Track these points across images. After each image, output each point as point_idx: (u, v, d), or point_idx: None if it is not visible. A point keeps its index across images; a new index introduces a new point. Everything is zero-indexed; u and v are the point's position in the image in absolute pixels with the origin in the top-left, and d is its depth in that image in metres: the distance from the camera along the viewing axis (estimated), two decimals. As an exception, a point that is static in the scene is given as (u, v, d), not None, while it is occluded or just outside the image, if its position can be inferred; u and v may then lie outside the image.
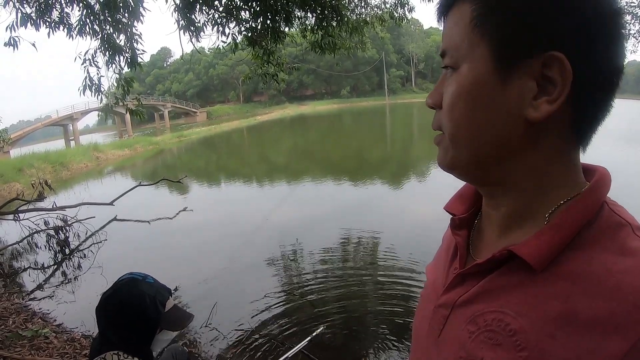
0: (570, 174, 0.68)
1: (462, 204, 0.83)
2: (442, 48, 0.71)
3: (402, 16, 9.71)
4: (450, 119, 0.69)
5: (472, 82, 0.66)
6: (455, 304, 0.74)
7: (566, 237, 0.63)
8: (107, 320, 1.99)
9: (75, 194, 14.30)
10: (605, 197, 0.67)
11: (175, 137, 40.84)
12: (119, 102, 7.49)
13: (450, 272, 0.80)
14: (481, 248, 0.78)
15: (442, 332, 0.76)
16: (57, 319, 5.71)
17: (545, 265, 0.62)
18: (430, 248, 4.97)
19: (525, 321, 0.62)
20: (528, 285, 0.64)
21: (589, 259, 0.61)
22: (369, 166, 17.92)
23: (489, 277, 0.69)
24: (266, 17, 7.57)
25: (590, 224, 0.64)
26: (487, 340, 0.65)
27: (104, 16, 6.62)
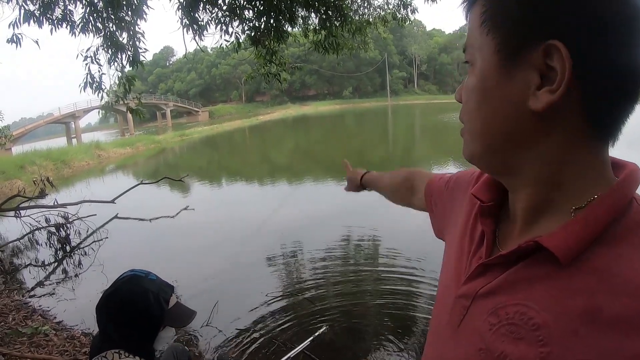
0: (598, 169, 0.67)
1: (489, 190, 0.82)
2: (464, 46, 0.75)
3: (405, 17, 9.72)
4: (466, 112, 0.74)
5: (481, 75, 0.69)
6: (477, 294, 0.73)
7: (594, 232, 0.62)
8: (108, 317, 1.95)
9: (76, 191, 14.29)
10: (635, 194, 0.66)
11: (177, 136, 40.90)
12: (119, 100, 7.49)
13: (474, 261, 0.79)
14: (506, 238, 0.76)
15: (462, 322, 0.75)
16: (57, 317, 5.70)
17: (572, 258, 0.62)
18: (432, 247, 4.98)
19: (549, 316, 0.61)
20: (553, 278, 0.63)
21: (616, 256, 0.60)
22: (372, 166, 17.55)
23: (513, 268, 0.68)
24: (270, 17, 7.57)
25: (618, 220, 0.63)
26: (509, 333, 0.65)
27: (107, 14, 6.63)
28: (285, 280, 6.66)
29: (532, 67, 0.62)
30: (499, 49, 0.65)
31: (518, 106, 0.64)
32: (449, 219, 1.02)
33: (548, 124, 0.64)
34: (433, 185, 1.19)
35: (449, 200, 1.05)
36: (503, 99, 0.66)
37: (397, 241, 7.86)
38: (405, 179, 1.46)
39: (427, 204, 1.21)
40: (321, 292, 6.00)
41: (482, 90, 0.69)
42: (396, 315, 5.33)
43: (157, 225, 10.22)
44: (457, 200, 1.00)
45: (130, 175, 21.84)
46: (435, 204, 1.14)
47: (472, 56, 0.71)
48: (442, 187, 1.12)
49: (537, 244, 0.64)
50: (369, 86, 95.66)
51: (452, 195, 1.04)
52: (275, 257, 7.52)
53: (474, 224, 0.84)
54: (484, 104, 0.69)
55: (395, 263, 6.87)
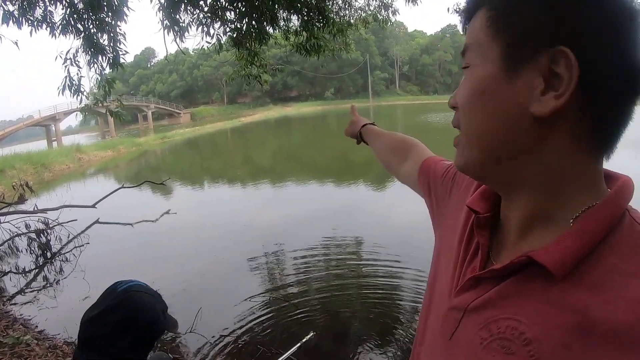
0: (593, 180, 0.66)
1: (485, 201, 0.80)
2: (463, 49, 0.73)
3: (386, 18, 9.77)
4: (463, 117, 0.72)
5: (482, 79, 0.67)
6: (468, 308, 0.72)
7: (588, 245, 0.61)
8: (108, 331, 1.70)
9: (57, 196, 14.11)
10: (628, 206, 0.65)
11: (158, 138, 40.61)
12: (98, 103, 7.41)
13: (468, 272, 0.78)
14: (500, 250, 0.75)
15: (454, 335, 0.74)
16: (39, 326, 5.61)
17: (566, 272, 0.60)
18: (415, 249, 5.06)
19: (540, 330, 0.60)
20: (545, 292, 0.62)
21: (609, 269, 0.59)
22: (354, 168, 17.92)
23: (505, 282, 0.67)
24: (251, 18, 7.54)
25: (612, 232, 0.62)
26: (500, 348, 0.64)
27: (88, 15, 6.55)
28: (268, 283, 6.65)
29: (536, 72, 0.61)
30: (504, 55, 0.64)
31: (520, 111, 0.63)
32: (444, 212, 1.00)
33: (548, 131, 0.63)
34: (431, 166, 1.15)
35: (445, 192, 1.03)
36: (504, 104, 0.65)
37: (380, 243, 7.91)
38: (403, 142, 1.43)
39: (420, 182, 1.18)
40: (305, 295, 6.02)
41: (482, 95, 0.67)
42: (380, 318, 5.37)
43: (139, 229, 10.10)
44: (453, 196, 0.98)
45: (111, 178, 21.66)
46: (430, 187, 1.11)
47: (473, 60, 0.69)
48: (439, 171, 1.09)
49: (530, 259, 0.63)
50: (351, 87, 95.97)
51: (449, 187, 1.02)
52: (258, 260, 7.51)
53: (471, 232, 0.82)
54: (484, 109, 0.67)
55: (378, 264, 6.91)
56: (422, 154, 1.26)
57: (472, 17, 0.71)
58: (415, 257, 6.82)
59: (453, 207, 0.95)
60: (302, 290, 6.15)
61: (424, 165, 1.17)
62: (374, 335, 4.99)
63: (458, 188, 0.97)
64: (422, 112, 50.50)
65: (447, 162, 1.12)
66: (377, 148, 1.58)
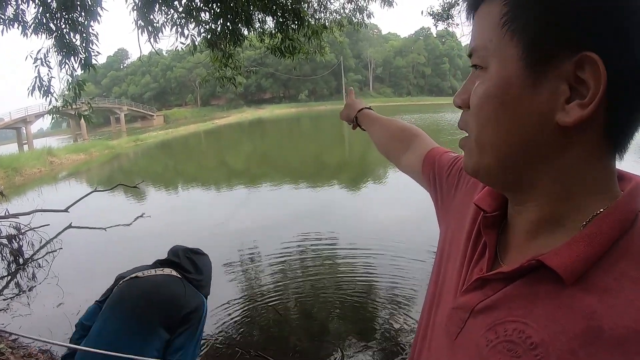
0: (606, 182, 0.64)
1: (493, 199, 0.78)
2: (470, 46, 0.69)
3: (360, 21, 9.82)
4: (476, 121, 0.67)
5: (501, 83, 0.62)
6: (475, 308, 0.71)
7: (599, 249, 0.59)
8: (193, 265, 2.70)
9: (28, 200, 13.80)
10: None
11: (131, 141, 40.22)
12: (67, 105, 7.27)
13: (474, 272, 0.76)
14: (508, 250, 0.74)
15: (459, 335, 0.73)
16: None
17: (576, 277, 0.59)
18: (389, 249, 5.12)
19: (547, 335, 0.59)
20: (554, 297, 0.61)
21: (619, 274, 0.57)
22: (327, 170, 18.05)
23: (514, 284, 0.66)
24: (226, 19, 7.51)
25: (623, 236, 0.60)
26: (506, 351, 0.62)
27: (61, 14, 6.44)
28: (245, 285, 6.63)
29: (561, 78, 0.58)
30: (525, 56, 0.60)
31: (543, 119, 0.60)
32: (450, 206, 0.99)
33: (571, 138, 0.60)
34: (436, 156, 1.12)
35: (451, 185, 1.01)
36: (527, 110, 0.61)
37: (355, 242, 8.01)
38: (405, 130, 1.39)
39: (423, 174, 1.15)
40: (282, 296, 6.04)
41: (501, 98, 0.63)
42: (357, 317, 5.43)
43: (112, 233, 9.94)
44: (460, 189, 0.97)
45: (83, 182, 21.34)
46: (435, 179, 1.08)
47: (485, 60, 0.65)
48: (445, 163, 1.07)
49: (540, 262, 0.61)
50: (325, 89, 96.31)
51: (455, 180, 1.00)
52: (234, 263, 7.48)
53: (478, 230, 0.81)
54: (503, 113, 0.63)
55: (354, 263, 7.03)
56: (425, 144, 1.24)
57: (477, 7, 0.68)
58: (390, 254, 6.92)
59: (459, 201, 0.94)
60: (279, 292, 6.15)
61: (429, 157, 1.15)
62: (352, 333, 5.03)
63: (466, 182, 0.96)
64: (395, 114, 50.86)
65: (452, 154, 1.11)
66: (376, 134, 1.54)
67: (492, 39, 0.64)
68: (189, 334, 2.38)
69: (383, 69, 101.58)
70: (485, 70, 0.65)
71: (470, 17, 0.70)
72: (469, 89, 0.69)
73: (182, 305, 2.41)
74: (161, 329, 2.34)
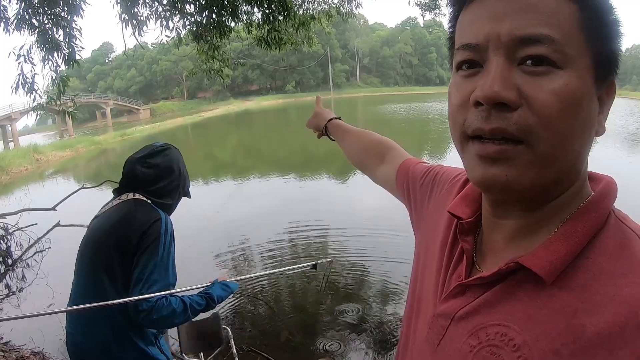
0: (585, 184, 0.68)
1: (467, 206, 0.78)
2: (532, 32, 0.58)
3: (349, 12, 9.77)
4: (553, 129, 0.58)
5: (581, 89, 0.59)
6: (456, 315, 0.71)
7: (574, 248, 0.61)
8: (152, 175, 2.39)
9: (15, 199, 13.67)
10: (612, 207, 0.66)
11: (118, 136, 40.02)
12: (52, 101, 7.17)
13: (453, 279, 0.76)
14: (485, 256, 0.74)
15: (441, 343, 0.73)
16: (4, 337, 5.39)
17: (554, 276, 0.60)
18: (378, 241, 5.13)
19: (530, 336, 0.60)
20: (534, 298, 0.62)
21: (597, 272, 0.59)
22: (317, 161, 18.10)
23: (493, 289, 0.67)
24: (212, 11, 7.45)
25: (599, 234, 0.62)
26: (489, 355, 0.63)
27: (43, 10, 6.35)
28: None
29: (597, 95, 0.63)
30: (595, 71, 0.61)
31: (593, 130, 0.64)
32: (424, 215, 0.99)
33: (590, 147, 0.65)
34: (410, 166, 1.13)
35: (424, 194, 1.02)
36: (590, 122, 0.63)
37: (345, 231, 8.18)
38: (378, 143, 1.38)
39: (397, 184, 1.16)
40: (273, 289, 6.11)
41: (581, 109, 0.60)
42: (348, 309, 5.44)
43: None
44: (433, 198, 0.98)
45: (71, 179, 21.26)
46: (409, 190, 1.09)
47: (562, 58, 0.58)
48: (418, 174, 1.07)
49: (519, 265, 0.63)
50: (312, 80, 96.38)
51: (428, 190, 1.01)
52: (224, 256, 7.57)
53: (454, 237, 0.81)
54: (582, 124, 0.61)
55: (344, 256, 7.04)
56: (399, 156, 1.25)
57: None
58: (380, 243, 6.94)
59: (433, 210, 0.95)
60: (269, 285, 6.17)
61: (402, 168, 1.16)
62: (345, 329, 5.04)
63: (439, 190, 0.97)
64: (382, 104, 51.12)
65: (426, 164, 1.11)
66: (348, 146, 1.53)
67: (572, 39, 0.59)
68: (149, 255, 2.16)
69: (370, 59, 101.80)
70: (557, 71, 0.58)
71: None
72: (513, 82, 0.59)
73: (133, 227, 2.20)
74: (117, 263, 2.19)
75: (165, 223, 2.25)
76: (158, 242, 2.18)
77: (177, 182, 2.49)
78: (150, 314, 2.09)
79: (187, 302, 2.27)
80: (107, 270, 2.18)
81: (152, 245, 2.17)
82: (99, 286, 2.18)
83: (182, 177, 2.54)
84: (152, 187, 2.36)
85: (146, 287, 2.10)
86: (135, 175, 2.38)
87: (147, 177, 2.37)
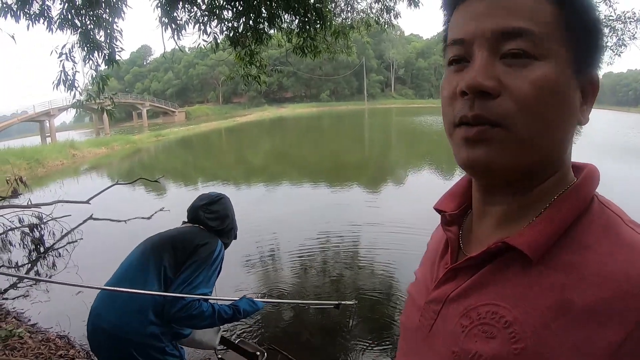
0: (569, 171, 0.73)
1: (452, 201, 0.85)
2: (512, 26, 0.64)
3: (387, 22, 9.75)
4: (527, 114, 0.64)
5: (559, 80, 0.65)
6: (447, 298, 0.74)
7: (559, 228, 0.66)
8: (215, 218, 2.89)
9: (50, 191, 14.02)
10: (595, 192, 0.70)
11: (153, 136, 40.44)
12: (91, 99, 7.37)
13: (441, 268, 0.81)
14: (472, 243, 0.78)
15: (433, 327, 0.76)
16: (32, 319, 5.59)
17: (541, 254, 0.64)
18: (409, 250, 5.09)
19: (520, 312, 0.63)
20: (522, 276, 0.65)
21: (582, 249, 0.63)
22: (348, 168, 18.03)
23: (482, 270, 0.70)
24: (249, 18, 7.53)
25: (582, 216, 0.67)
26: (481, 333, 0.66)
27: (85, 11, 6.53)
28: (263, 282, 6.64)
29: (579, 87, 0.68)
30: (575, 62, 0.67)
31: (575, 119, 0.69)
32: None
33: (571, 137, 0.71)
34: None
35: None
36: (571, 110, 0.68)
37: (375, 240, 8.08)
38: None
39: None
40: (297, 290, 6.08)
41: (559, 96, 0.65)
42: (374, 316, 5.42)
43: (132, 226, 10.03)
44: None
45: (105, 175, 21.51)
46: None
47: (538, 49, 0.64)
48: None
49: (506, 244, 0.66)
50: (346, 89, 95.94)
51: None
52: (252, 260, 7.51)
53: (442, 235, 0.85)
54: (560, 109, 0.66)
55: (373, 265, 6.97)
56: None
57: None
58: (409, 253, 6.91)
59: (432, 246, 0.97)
60: (296, 289, 6.16)
61: None
62: (365, 332, 5.02)
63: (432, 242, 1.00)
64: (416, 116, 50.67)
65: None
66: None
67: (550, 32, 0.65)
68: (199, 264, 2.53)
69: (405, 71, 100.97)
70: (538, 62, 0.64)
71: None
72: (495, 73, 0.65)
73: (193, 239, 2.66)
74: (167, 262, 2.55)
75: (219, 248, 2.71)
76: (211, 258, 2.59)
77: (231, 226, 3.01)
78: (181, 310, 2.38)
79: (216, 309, 2.58)
80: (158, 264, 2.53)
81: (205, 257, 2.57)
82: (144, 275, 2.49)
83: (234, 222, 3.06)
84: (214, 228, 2.87)
85: (188, 290, 2.42)
86: (200, 220, 2.86)
87: (210, 221, 2.86)
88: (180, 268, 2.54)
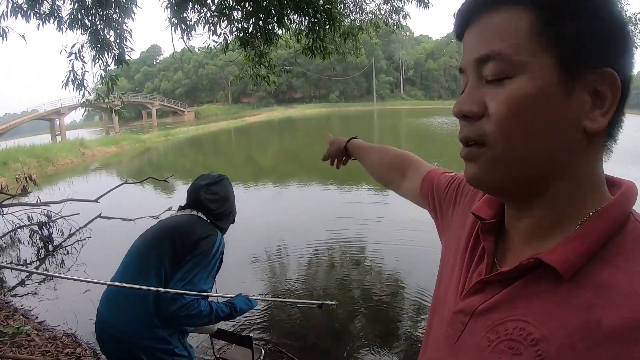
0: (600, 184, 0.69)
1: (490, 207, 0.82)
2: (484, 52, 0.67)
3: (396, 23, 9.74)
4: (503, 132, 0.66)
5: (537, 92, 0.64)
6: (475, 311, 0.73)
7: (593, 247, 0.63)
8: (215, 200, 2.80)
9: (60, 189, 14.05)
10: (632, 209, 0.67)
11: (162, 135, 40.58)
12: (100, 98, 7.41)
13: (474, 277, 0.79)
14: (506, 255, 0.77)
15: (460, 338, 0.75)
16: (39, 317, 5.60)
17: (572, 272, 0.62)
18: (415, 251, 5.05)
19: (548, 330, 0.61)
20: (552, 294, 0.64)
21: (614, 269, 0.61)
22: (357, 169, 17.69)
23: (513, 285, 0.69)
24: (258, 18, 7.55)
25: (616, 234, 0.64)
26: (507, 349, 0.65)
27: (95, 11, 6.57)
28: (269, 281, 6.63)
29: (585, 89, 0.63)
30: (561, 67, 0.63)
31: (574, 127, 0.64)
32: (449, 222, 1.02)
33: (588, 145, 0.66)
34: (434, 178, 1.16)
35: (449, 203, 1.05)
36: (561, 119, 0.64)
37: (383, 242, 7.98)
38: (400, 158, 1.43)
39: (422, 195, 1.20)
40: (306, 295, 5.99)
41: (535, 109, 0.64)
42: (380, 319, 5.38)
43: (141, 225, 10.02)
44: (458, 205, 1.00)
45: (114, 174, 21.54)
46: (434, 200, 1.12)
47: (510, 69, 0.65)
48: (443, 183, 1.11)
49: (538, 261, 0.65)
50: (356, 90, 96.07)
51: (453, 198, 1.04)
52: (261, 259, 7.49)
53: (476, 239, 0.84)
54: (537, 123, 0.64)
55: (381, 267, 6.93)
56: (422, 168, 1.28)
57: (487, 12, 0.68)
58: (417, 256, 6.88)
59: (459, 217, 0.97)
60: (303, 291, 6.15)
61: (427, 179, 1.19)
62: (372, 336, 5.00)
63: (463, 197, 0.99)
64: (425, 117, 50.57)
65: (449, 174, 1.14)
66: (370, 164, 1.57)
67: (521, 47, 0.64)
68: (197, 261, 2.48)
69: (414, 72, 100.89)
70: (511, 80, 0.65)
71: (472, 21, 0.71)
72: (479, 97, 0.68)
73: (193, 232, 2.57)
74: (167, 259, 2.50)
75: (220, 241, 2.64)
76: (209, 254, 2.53)
77: (231, 210, 2.92)
78: (179, 309, 2.36)
79: (214, 308, 2.57)
80: (157, 261, 2.48)
81: (203, 253, 2.51)
82: (144, 272, 2.45)
83: (234, 206, 2.97)
84: (213, 211, 2.79)
85: (187, 289, 2.38)
86: (200, 201, 2.78)
87: (211, 203, 2.78)
88: (179, 263, 2.49)
